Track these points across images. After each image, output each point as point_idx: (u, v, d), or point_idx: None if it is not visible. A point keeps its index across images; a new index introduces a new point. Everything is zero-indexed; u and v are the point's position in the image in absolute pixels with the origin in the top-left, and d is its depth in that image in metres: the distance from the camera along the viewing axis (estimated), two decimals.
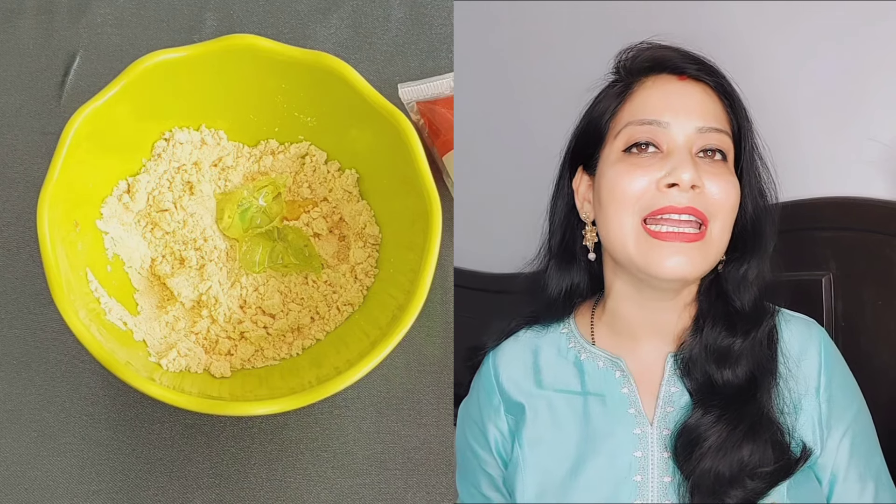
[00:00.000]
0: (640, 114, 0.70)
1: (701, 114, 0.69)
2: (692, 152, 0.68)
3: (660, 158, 0.68)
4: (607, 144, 0.71)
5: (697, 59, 0.71)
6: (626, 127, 0.70)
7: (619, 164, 0.69)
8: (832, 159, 0.86)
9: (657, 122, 0.69)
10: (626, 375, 0.71)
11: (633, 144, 0.69)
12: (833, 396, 0.69)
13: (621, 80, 0.72)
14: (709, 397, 0.68)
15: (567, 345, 0.74)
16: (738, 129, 0.71)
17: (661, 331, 0.71)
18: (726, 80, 0.71)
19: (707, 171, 0.68)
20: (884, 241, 0.82)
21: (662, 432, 0.69)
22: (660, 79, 0.71)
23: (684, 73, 0.70)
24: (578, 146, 0.73)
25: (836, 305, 0.84)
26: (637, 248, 0.68)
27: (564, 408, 0.72)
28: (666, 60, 0.71)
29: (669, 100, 0.69)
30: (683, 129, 0.68)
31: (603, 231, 0.70)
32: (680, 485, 0.67)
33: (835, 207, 0.84)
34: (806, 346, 0.70)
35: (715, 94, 0.70)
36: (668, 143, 0.68)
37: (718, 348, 0.69)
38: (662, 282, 0.68)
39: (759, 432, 0.67)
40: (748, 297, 0.71)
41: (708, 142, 0.69)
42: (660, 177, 0.68)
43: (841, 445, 0.69)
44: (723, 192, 0.68)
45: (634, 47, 0.72)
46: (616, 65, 0.73)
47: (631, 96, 0.71)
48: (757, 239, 0.71)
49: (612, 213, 0.69)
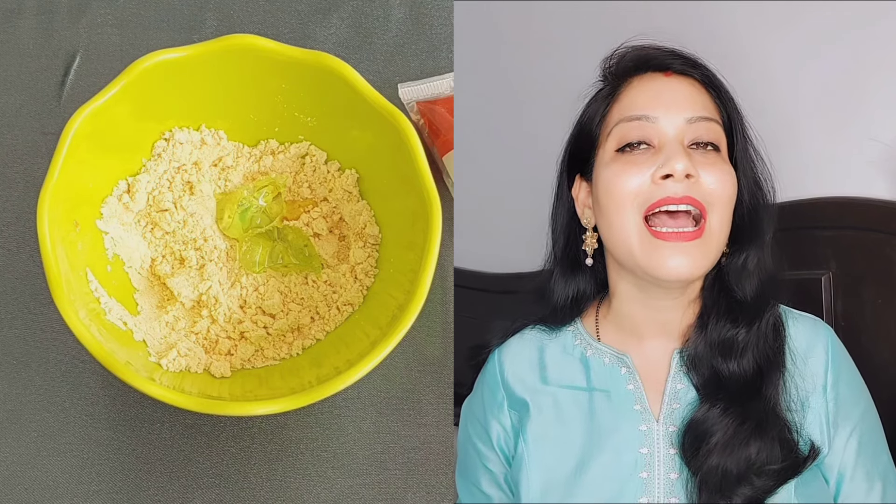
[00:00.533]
0: (628, 111, 0.70)
1: (689, 105, 0.69)
2: (684, 144, 0.69)
3: (652, 154, 0.69)
4: (600, 147, 0.71)
5: (681, 55, 0.71)
6: (617, 126, 0.70)
7: (613, 163, 0.69)
8: (832, 159, 0.86)
9: (646, 117, 0.69)
10: (632, 372, 0.71)
11: (625, 144, 0.69)
12: (840, 394, 0.69)
13: (608, 83, 0.72)
14: (715, 391, 0.68)
15: (573, 341, 0.74)
16: (729, 120, 0.71)
17: (667, 329, 0.72)
18: (712, 72, 0.71)
19: (701, 161, 0.68)
20: (884, 240, 0.82)
21: (668, 429, 0.69)
22: (646, 77, 0.71)
23: (669, 69, 0.71)
24: (573, 153, 0.74)
25: (836, 305, 0.84)
26: (641, 249, 0.68)
27: (570, 404, 0.72)
28: (650, 59, 0.71)
29: (657, 95, 0.70)
30: (673, 122, 0.69)
31: (605, 234, 0.71)
32: (687, 481, 0.67)
33: (835, 207, 0.84)
34: (813, 343, 0.70)
35: (702, 87, 0.71)
36: (659, 138, 0.69)
37: (723, 340, 0.69)
38: (665, 282, 0.68)
39: (767, 429, 0.67)
40: (749, 286, 0.71)
41: (698, 132, 0.69)
42: (653, 170, 0.68)
43: (848, 444, 0.69)
44: (718, 181, 0.68)
45: (617, 51, 0.73)
46: (603, 71, 0.73)
47: (619, 97, 0.71)
48: (755, 228, 0.71)
49: (612, 214, 0.69)
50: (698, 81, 0.71)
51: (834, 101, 0.86)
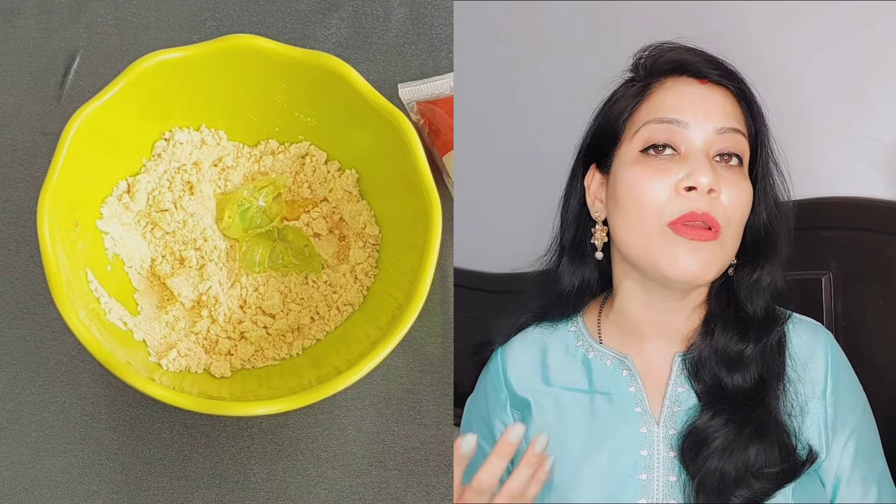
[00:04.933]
0: (659, 112, 0.69)
1: (721, 115, 0.69)
2: (710, 156, 0.68)
3: (677, 161, 0.68)
4: (623, 144, 0.70)
5: (719, 64, 0.70)
6: (645, 126, 0.69)
7: (636, 165, 0.69)
8: (833, 159, 0.86)
9: (676, 122, 0.68)
10: (634, 374, 0.71)
11: (650, 146, 0.69)
12: (839, 400, 0.70)
13: (640, 79, 0.71)
14: (718, 400, 0.68)
15: (575, 343, 0.74)
16: (756, 135, 0.71)
17: (669, 331, 0.71)
18: (746, 86, 0.71)
19: (723, 176, 0.68)
20: (884, 240, 0.82)
21: (668, 431, 0.69)
22: (680, 80, 0.70)
23: (706, 78, 0.70)
24: (593, 144, 0.73)
25: (836, 305, 0.84)
26: (657, 246, 0.67)
27: (571, 405, 0.72)
28: (688, 64, 0.70)
29: (689, 100, 0.69)
30: (703, 131, 0.68)
31: (619, 232, 0.70)
32: (685, 484, 0.67)
33: (835, 207, 0.84)
34: (813, 349, 0.70)
35: (735, 99, 0.70)
36: (686, 145, 0.68)
37: (729, 353, 0.69)
38: (674, 282, 0.68)
39: (766, 434, 0.67)
40: (760, 303, 0.71)
41: (725, 144, 0.68)
42: (678, 179, 0.67)
43: (846, 449, 0.69)
44: (735, 200, 0.68)
45: (656, 47, 0.72)
46: (635, 63, 0.72)
47: (649, 96, 0.70)
48: (770, 245, 0.71)
49: (631, 216, 0.68)
50: (731, 93, 0.70)
51: (834, 101, 0.86)
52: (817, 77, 0.86)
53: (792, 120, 0.87)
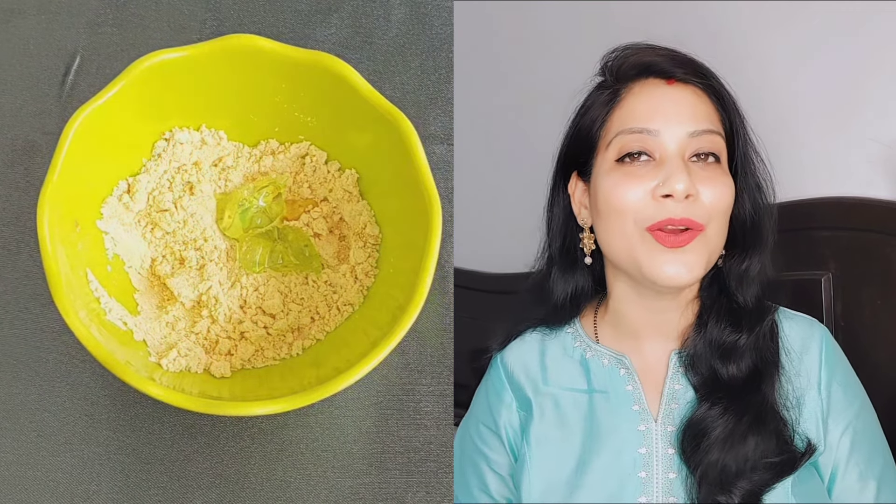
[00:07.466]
0: (629, 122, 0.69)
1: (692, 117, 0.69)
2: (685, 158, 0.68)
3: (653, 167, 0.68)
4: (599, 153, 0.71)
5: (685, 62, 0.70)
6: (617, 136, 0.69)
7: (613, 173, 0.69)
8: (832, 159, 0.86)
9: (647, 131, 0.68)
10: (631, 372, 0.71)
11: (625, 154, 0.69)
12: (834, 393, 0.70)
13: (608, 85, 0.71)
14: (714, 391, 0.69)
15: (573, 343, 0.74)
16: (731, 127, 0.71)
17: (664, 330, 0.72)
18: (716, 80, 0.70)
19: (700, 175, 0.68)
20: (883, 241, 0.82)
21: (667, 429, 0.69)
22: (648, 83, 0.70)
23: (672, 78, 0.70)
24: (571, 153, 0.73)
25: (835, 305, 0.84)
26: (640, 254, 0.67)
27: (570, 406, 0.72)
28: (654, 65, 0.70)
29: (659, 106, 0.69)
30: (675, 136, 0.68)
31: (603, 238, 0.70)
32: (685, 480, 0.67)
33: (834, 207, 0.84)
34: (808, 342, 0.71)
35: (705, 95, 0.70)
36: (660, 151, 0.68)
37: (723, 344, 0.69)
38: (662, 287, 0.68)
39: (765, 423, 0.67)
40: (751, 293, 0.71)
41: (700, 146, 0.68)
42: (654, 185, 0.67)
43: (841, 442, 0.69)
44: (716, 196, 0.68)
45: (620, 51, 0.72)
46: (602, 68, 0.72)
47: (620, 103, 0.70)
48: (756, 234, 0.71)
49: (611, 223, 0.69)
50: (701, 90, 0.70)
51: (833, 101, 0.86)
52: (816, 77, 0.86)
53: (791, 120, 0.87)
